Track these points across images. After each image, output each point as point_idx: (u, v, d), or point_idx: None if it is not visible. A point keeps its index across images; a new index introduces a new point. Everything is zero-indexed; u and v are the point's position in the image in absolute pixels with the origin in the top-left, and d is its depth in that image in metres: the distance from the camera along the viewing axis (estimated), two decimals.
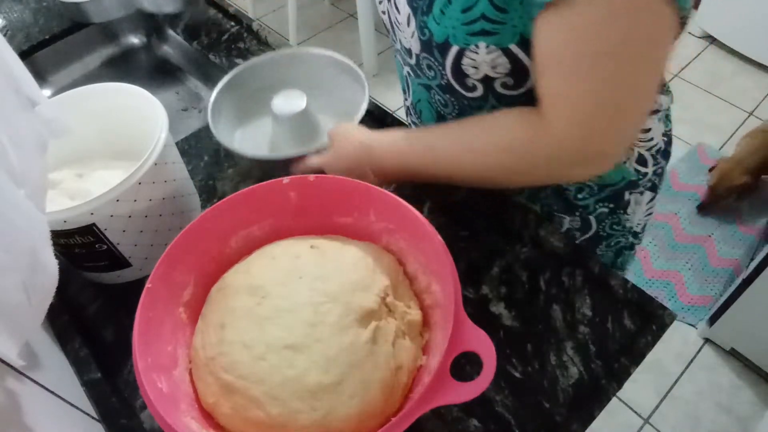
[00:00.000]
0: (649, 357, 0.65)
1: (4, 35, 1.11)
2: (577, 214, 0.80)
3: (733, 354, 1.62)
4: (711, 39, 2.46)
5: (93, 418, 0.60)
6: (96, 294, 0.75)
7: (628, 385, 0.63)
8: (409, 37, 0.66)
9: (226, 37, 1.10)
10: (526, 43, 0.57)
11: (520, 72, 0.60)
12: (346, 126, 0.75)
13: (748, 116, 2.22)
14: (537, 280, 0.71)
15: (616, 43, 0.49)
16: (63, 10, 1.15)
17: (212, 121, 0.79)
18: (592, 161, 0.57)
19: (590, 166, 0.58)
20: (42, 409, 0.49)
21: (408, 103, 0.85)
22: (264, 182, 0.65)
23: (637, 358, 0.64)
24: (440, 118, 0.77)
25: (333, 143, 0.74)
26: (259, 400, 0.52)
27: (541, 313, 0.68)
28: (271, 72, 0.86)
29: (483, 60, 0.59)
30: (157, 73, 1.20)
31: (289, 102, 0.78)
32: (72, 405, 0.57)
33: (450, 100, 0.71)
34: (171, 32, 1.19)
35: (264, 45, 1.08)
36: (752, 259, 1.53)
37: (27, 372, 0.49)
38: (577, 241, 0.83)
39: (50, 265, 0.45)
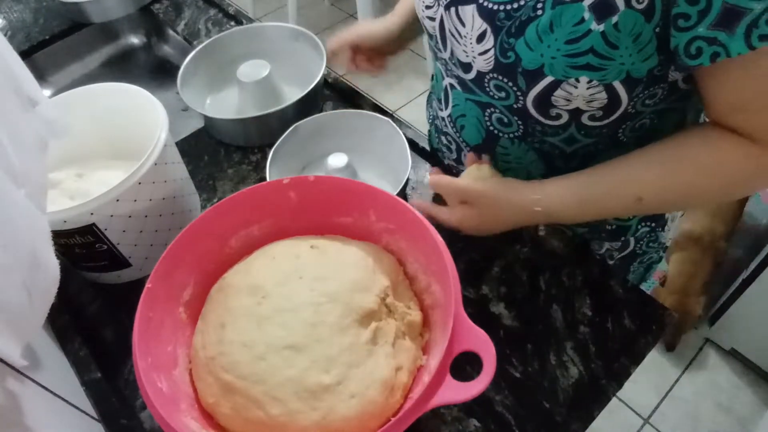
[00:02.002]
0: (649, 357, 0.65)
1: (4, 35, 1.11)
2: (622, 239, 0.79)
3: (733, 354, 1.62)
4: None
5: (93, 418, 0.60)
6: (96, 294, 0.75)
7: (628, 385, 0.63)
8: (475, 53, 0.61)
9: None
10: (630, 81, 0.55)
11: (613, 106, 0.59)
12: (492, 188, 0.66)
13: None
14: (537, 280, 0.71)
15: None
16: (63, 10, 1.15)
17: (182, 89, 0.85)
18: None
19: None
20: (42, 409, 0.49)
21: (444, 113, 0.78)
22: (264, 182, 0.65)
23: (637, 358, 0.64)
24: (491, 137, 0.72)
25: (478, 206, 0.66)
26: (259, 400, 0.52)
27: (541, 313, 0.68)
28: (239, 45, 0.94)
29: (580, 94, 0.57)
30: (157, 73, 1.20)
31: (253, 70, 0.84)
32: (72, 405, 0.57)
33: (517, 121, 0.67)
34: (171, 32, 1.19)
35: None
36: (752, 259, 1.53)
37: (27, 372, 0.49)
38: (612, 261, 0.83)
39: (51, 265, 0.45)
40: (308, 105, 0.88)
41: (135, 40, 1.23)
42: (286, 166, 0.82)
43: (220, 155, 0.90)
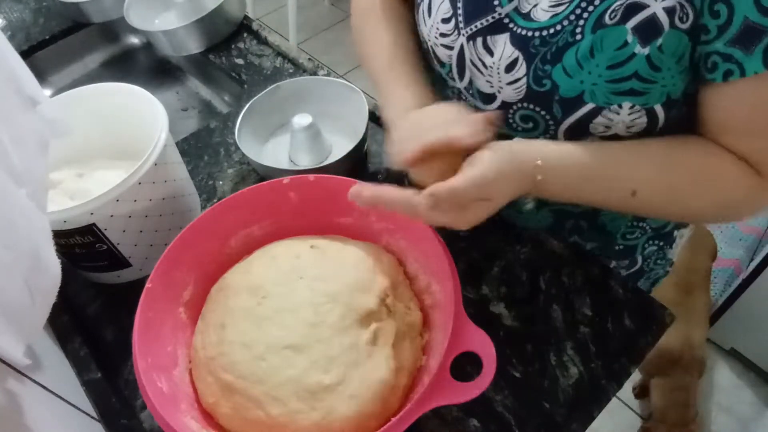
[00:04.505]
0: None
1: (4, 35, 1.11)
2: (629, 257, 0.78)
3: (733, 354, 1.62)
4: None
5: (93, 418, 0.60)
6: (96, 294, 0.75)
7: (628, 385, 0.63)
8: (503, 83, 0.58)
9: (225, 36, 1.10)
10: (669, 103, 0.54)
11: (648, 130, 0.56)
12: (498, 166, 0.51)
13: None
14: (537, 280, 0.71)
15: None
16: (63, 10, 1.15)
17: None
18: None
19: None
20: (42, 409, 0.49)
21: None
22: (264, 182, 0.65)
23: (637, 358, 0.64)
24: None
25: (492, 192, 0.52)
26: (259, 400, 0.52)
27: (541, 313, 0.68)
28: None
29: (621, 120, 0.55)
30: (157, 73, 1.20)
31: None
32: (72, 405, 0.57)
33: None
34: None
35: (264, 45, 1.08)
36: (752, 259, 1.53)
37: (27, 372, 0.49)
38: None
39: (52, 265, 0.45)
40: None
41: (135, 40, 1.23)
42: (261, 122, 0.88)
43: (220, 155, 0.90)
